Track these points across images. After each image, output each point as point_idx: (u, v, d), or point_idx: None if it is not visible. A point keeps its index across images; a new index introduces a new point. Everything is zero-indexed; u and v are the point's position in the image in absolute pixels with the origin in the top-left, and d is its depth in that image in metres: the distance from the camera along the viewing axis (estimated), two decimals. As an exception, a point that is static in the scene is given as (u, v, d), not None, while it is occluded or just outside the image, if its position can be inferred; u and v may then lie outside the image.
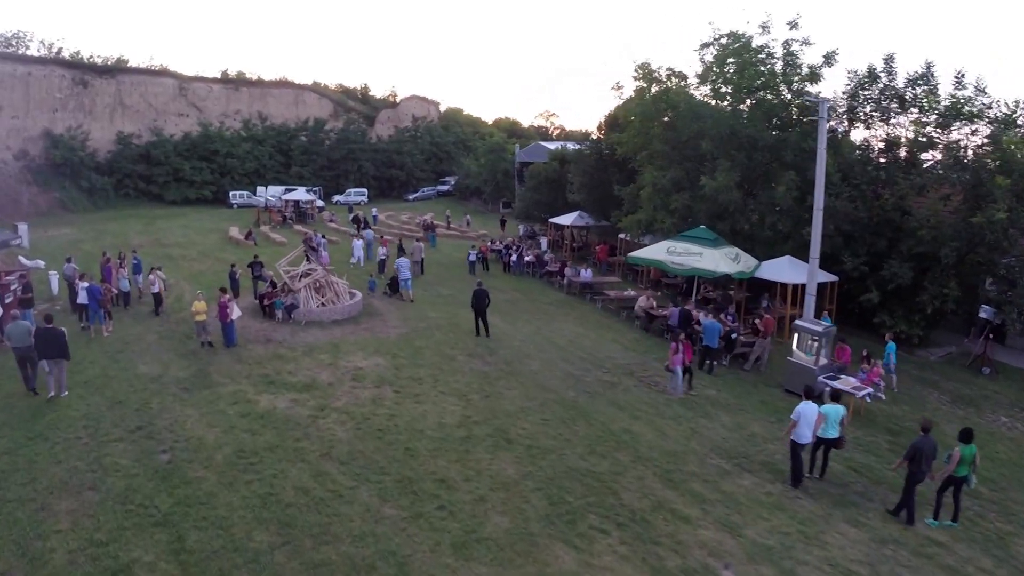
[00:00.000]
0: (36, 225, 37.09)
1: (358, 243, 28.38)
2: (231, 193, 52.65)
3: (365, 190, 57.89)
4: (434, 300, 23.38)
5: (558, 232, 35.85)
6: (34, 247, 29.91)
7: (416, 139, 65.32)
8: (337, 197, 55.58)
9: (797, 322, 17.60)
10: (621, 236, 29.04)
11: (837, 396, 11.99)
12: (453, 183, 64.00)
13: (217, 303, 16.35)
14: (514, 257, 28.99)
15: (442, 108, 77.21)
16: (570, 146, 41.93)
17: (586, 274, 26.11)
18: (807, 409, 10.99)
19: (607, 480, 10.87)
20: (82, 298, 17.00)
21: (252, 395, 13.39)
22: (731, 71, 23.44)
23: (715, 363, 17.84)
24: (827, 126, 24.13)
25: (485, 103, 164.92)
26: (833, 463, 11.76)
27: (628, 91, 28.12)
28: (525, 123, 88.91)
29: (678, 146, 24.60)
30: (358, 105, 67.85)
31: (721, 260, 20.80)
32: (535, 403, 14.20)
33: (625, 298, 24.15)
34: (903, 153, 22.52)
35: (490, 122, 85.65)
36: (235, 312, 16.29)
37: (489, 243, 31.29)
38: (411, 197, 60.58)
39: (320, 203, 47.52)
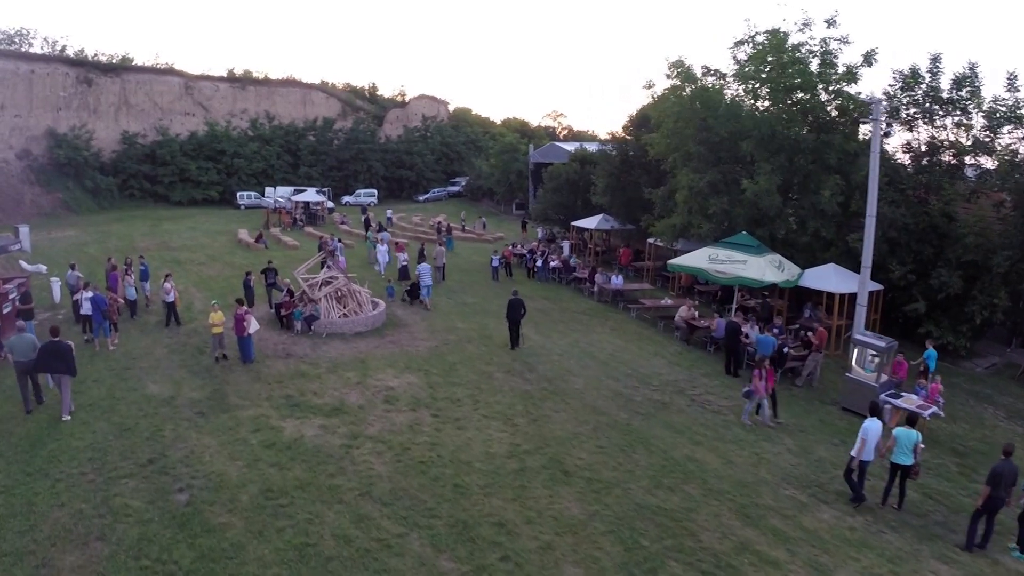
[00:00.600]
0: (39, 226, 35.85)
1: (383, 248, 26.68)
2: (238, 194, 51.40)
3: (375, 191, 56.55)
4: (460, 309, 22.01)
5: (579, 236, 34.47)
6: (36, 250, 28.62)
7: (426, 139, 63.94)
8: (346, 198, 54.27)
9: (856, 336, 16.44)
10: (650, 241, 27.70)
11: (913, 420, 11.00)
12: (464, 184, 62.68)
13: (233, 315, 15.00)
14: (539, 262, 27.56)
15: (450, 108, 75.92)
16: (590, 147, 40.60)
17: (617, 281, 24.74)
18: (873, 427, 10.48)
19: (681, 518, 9.72)
20: (86, 309, 15.69)
21: (275, 420, 12.04)
22: (769, 70, 22.17)
23: (766, 378, 16.70)
24: (867, 127, 23.11)
25: (492, 103, 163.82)
26: (909, 491, 10.90)
27: (657, 89, 27.08)
28: (532, 123, 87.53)
29: (713, 147, 23.33)
30: (366, 104, 66.57)
31: (767, 268, 19.59)
32: (587, 427, 12.90)
33: (662, 307, 22.79)
34: (947, 157, 21.31)
35: (498, 122, 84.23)
36: (253, 326, 14.95)
37: (512, 247, 29.91)
38: (422, 198, 59.23)
39: (330, 204, 46.14)
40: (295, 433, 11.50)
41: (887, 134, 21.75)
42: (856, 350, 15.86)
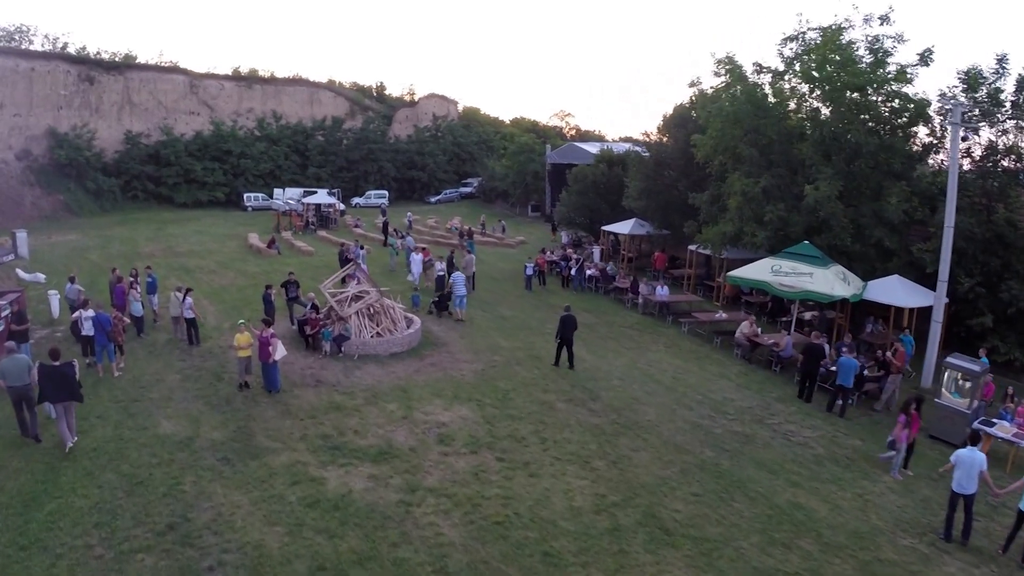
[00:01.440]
0: (38, 230, 34.09)
1: (416, 257, 23.76)
2: (245, 195, 49.51)
3: (387, 192, 54.66)
4: (498, 324, 20.12)
5: (608, 240, 32.58)
6: (35, 257, 26.77)
7: (438, 139, 62.02)
8: (356, 199, 52.33)
9: (949, 360, 14.79)
10: (692, 248, 25.87)
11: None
12: (476, 185, 60.84)
13: (258, 339, 13.11)
14: (574, 270, 25.62)
15: (459, 108, 74.09)
16: (613, 147, 38.81)
17: (662, 291, 22.86)
18: (977, 458, 9.57)
19: (808, 583, 8.03)
20: (87, 329, 13.79)
21: (315, 469, 10.17)
22: (826, 67, 20.46)
23: (846, 404, 15.07)
24: (925, 131, 21.50)
25: (498, 103, 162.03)
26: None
27: (697, 88, 25.28)
28: (541, 123, 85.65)
29: (763, 150, 21.60)
30: (374, 104, 64.77)
31: (835, 281, 17.97)
32: (674, 469, 11.12)
33: (717, 322, 20.91)
34: (1009, 162, 19.73)
35: (507, 122, 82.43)
36: (279, 351, 13.07)
37: (543, 253, 28.13)
38: (434, 199, 57.31)
39: (341, 206, 44.17)
40: (341, 487, 9.63)
41: (964, 138, 20.05)
42: (947, 373, 14.32)
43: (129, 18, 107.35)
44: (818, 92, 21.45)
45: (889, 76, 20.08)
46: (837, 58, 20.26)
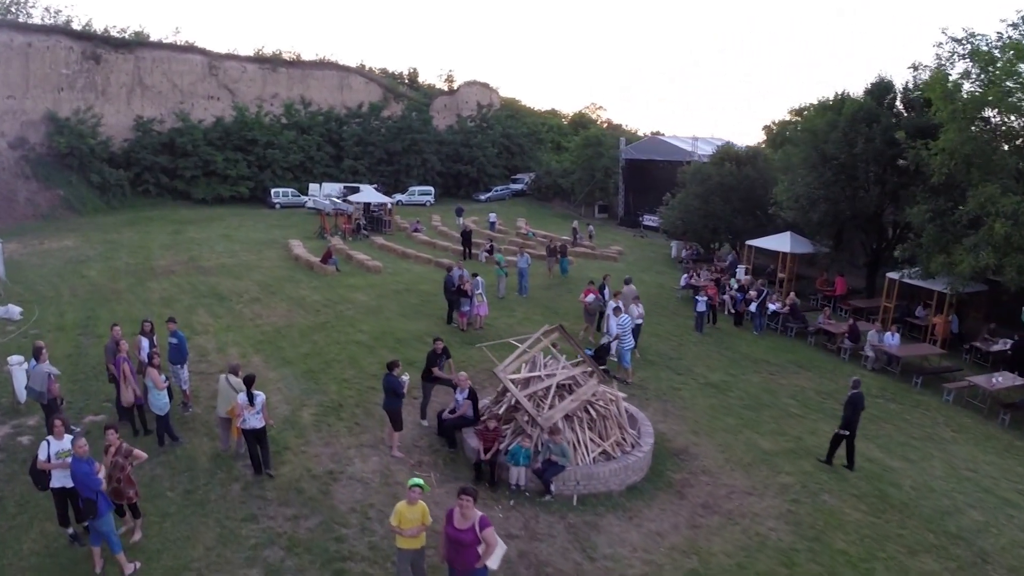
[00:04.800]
0: (30, 232, 27.91)
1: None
2: (272, 191, 43.15)
3: (431, 188, 48.00)
4: (714, 397, 13.60)
5: (750, 257, 25.87)
6: (14, 272, 20.35)
7: (485, 130, 55.18)
8: (399, 196, 45.54)
9: None
10: (892, 276, 19.22)
11: None
12: (527, 181, 54.14)
13: (450, 531, 6.29)
14: (754, 305, 18.69)
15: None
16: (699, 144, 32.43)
17: (892, 340, 16.18)
18: None
19: None
20: (59, 479, 7.27)
21: None
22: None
23: None
24: None
25: (528, 94, 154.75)
26: None
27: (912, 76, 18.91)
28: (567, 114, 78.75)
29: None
30: (408, 91, 58.18)
31: None
32: None
33: (996, 388, 14.21)
34: None
35: (540, 111, 75.58)
36: (497, 552, 6.35)
37: (688, 276, 21.54)
38: (483, 197, 50.42)
39: (390, 204, 37.03)
40: None
41: None
42: None
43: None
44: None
45: None
46: None
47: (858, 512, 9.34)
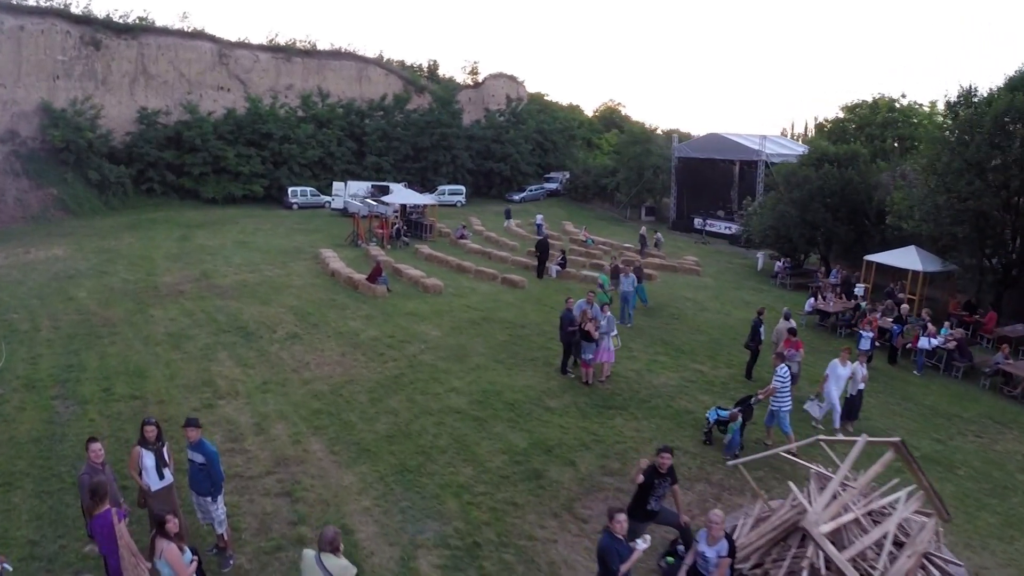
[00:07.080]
0: (14, 238, 24.10)
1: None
2: (289, 190, 39.26)
3: (463, 188, 43.96)
4: (957, 489, 9.44)
5: (866, 275, 21.78)
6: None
7: (517, 125, 51.03)
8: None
9: None
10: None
11: None
12: (562, 180, 50.14)
13: None
14: (930, 341, 14.41)
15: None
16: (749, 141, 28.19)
17: None
18: None
19: None
20: None
21: None
22: None
23: None
24: None
25: (550, 89, 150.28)
26: None
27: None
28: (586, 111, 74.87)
29: None
30: (430, 84, 54.24)
31: None
32: None
33: None
34: None
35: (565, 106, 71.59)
36: None
37: (816, 300, 17.50)
38: (517, 197, 46.37)
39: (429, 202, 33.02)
40: None
41: None
42: None
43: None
44: None
45: None
46: None
47: None
